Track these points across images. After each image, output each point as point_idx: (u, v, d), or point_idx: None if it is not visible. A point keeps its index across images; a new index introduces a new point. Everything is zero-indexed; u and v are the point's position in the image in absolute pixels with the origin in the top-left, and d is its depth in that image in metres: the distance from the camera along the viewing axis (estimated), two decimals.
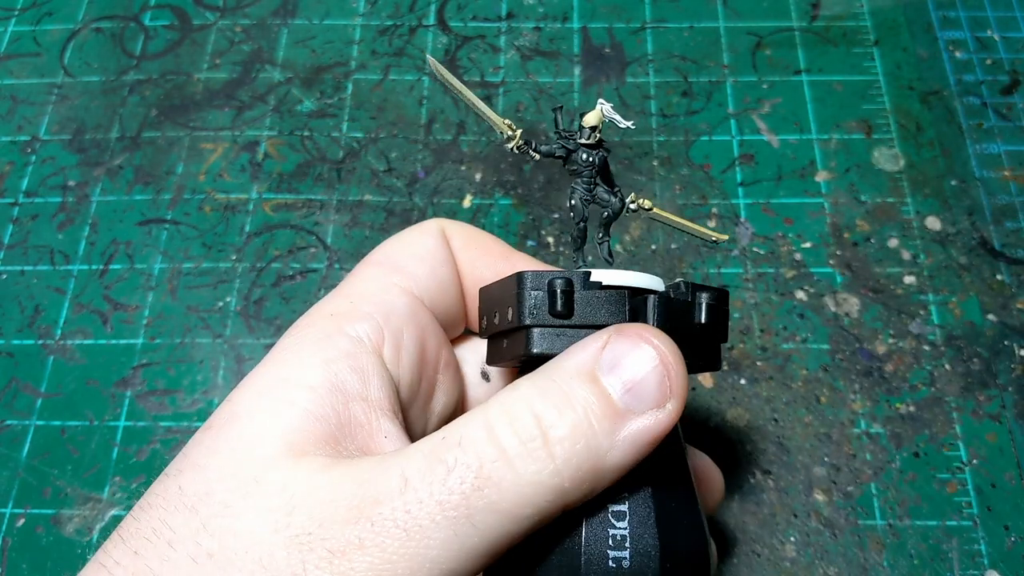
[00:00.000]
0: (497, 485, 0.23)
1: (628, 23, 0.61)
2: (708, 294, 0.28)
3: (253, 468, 0.25)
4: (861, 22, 0.60)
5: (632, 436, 0.25)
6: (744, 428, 0.46)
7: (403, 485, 0.24)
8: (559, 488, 0.24)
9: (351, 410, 0.27)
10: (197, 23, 0.62)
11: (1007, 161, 0.54)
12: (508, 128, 0.30)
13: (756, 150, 0.55)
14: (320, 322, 0.29)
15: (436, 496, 0.23)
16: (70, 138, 0.57)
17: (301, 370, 0.27)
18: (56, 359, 0.49)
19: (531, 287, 0.28)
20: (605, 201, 0.31)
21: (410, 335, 0.30)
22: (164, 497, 0.25)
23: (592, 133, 0.30)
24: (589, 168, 0.31)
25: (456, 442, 0.24)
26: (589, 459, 0.24)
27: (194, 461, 0.26)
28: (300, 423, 0.26)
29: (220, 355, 0.49)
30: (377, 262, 0.32)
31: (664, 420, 0.25)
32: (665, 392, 0.25)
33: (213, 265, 0.52)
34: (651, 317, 0.27)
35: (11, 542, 0.44)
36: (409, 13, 0.62)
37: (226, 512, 0.24)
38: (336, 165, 0.56)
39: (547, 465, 0.24)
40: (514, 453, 0.24)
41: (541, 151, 0.31)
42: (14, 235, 0.54)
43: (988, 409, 0.46)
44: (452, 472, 0.24)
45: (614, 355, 0.25)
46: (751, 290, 0.50)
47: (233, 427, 0.26)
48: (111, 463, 0.46)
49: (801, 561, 0.43)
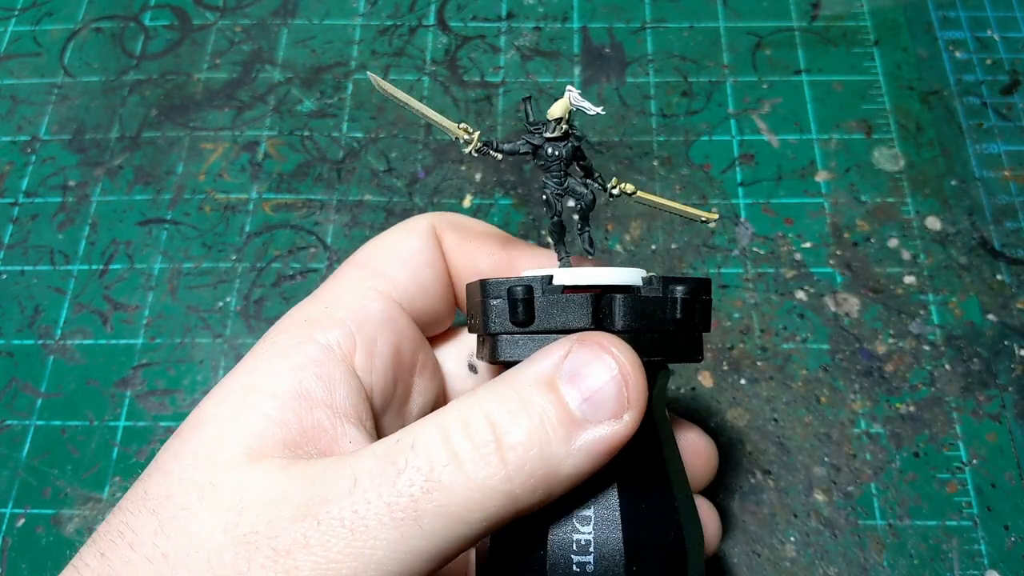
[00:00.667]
0: (446, 489, 0.23)
1: (628, 23, 0.61)
2: (682, 287, 0.28)
3: (211, 472, 0.25)
4: (861, 22, 0.60)
5: (587, 445, 0.25)
6: (744, 428, 0.46)
7: (352, 485, 0.24)
8: (510, 494, 0.24)
9: (315, 416, 0.27)
10: (197, 23, 0.62)
11: (1007, 161, 0.54)
12: (464, 132, 0.29)
13: (756, 150, 0.55)
14: (293, 328, 0.29)
15: (384, 497, 0.23)
16: (70, 138, 0.57)
17: (267, 378, 0.28)
18: (56, 359, 0.49)
19: (492, 295, 0.28)
20: (578, 194, 0.30)
21: (384, 341, 0.30)
22: (132, 500, 0.26)
23: (557, 126, 0.29)
24: (557, 162, 0.30)
25: (409, 445, 0.24)
26: (543, 466, 0.24)
27: (160, 466, 0.27)
28: (260, 428, 0.26)
29: (220, 355, 0.49)
30: (358, 263, 0.32)
31: (620, 431, 0.25)
32: (623, 403, 0.25)
33: (213, 265, 0.52)
34: (617, 319, 0.27)
35: (11, 542, 0.44)
36: (409, 13, 0.62)
37: (182, 514, 0.25)
38: (336, 165, 0.56)
39: (498, 470, 0.24)
40: (466, 457, 0.24)
41: (504, 150, 0.30)
42: (14, 235, 0.54)
43: (988, 409, 0.46)
44: (402, 474, 0.24)
45: (574, 364, 0.25)
46: (751, 290, 0.50)
47: (196, 433, 0.27)
48: (111, 463, 0.46)
49: (801, 561, 0.43)
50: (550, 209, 0.30)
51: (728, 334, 0.49)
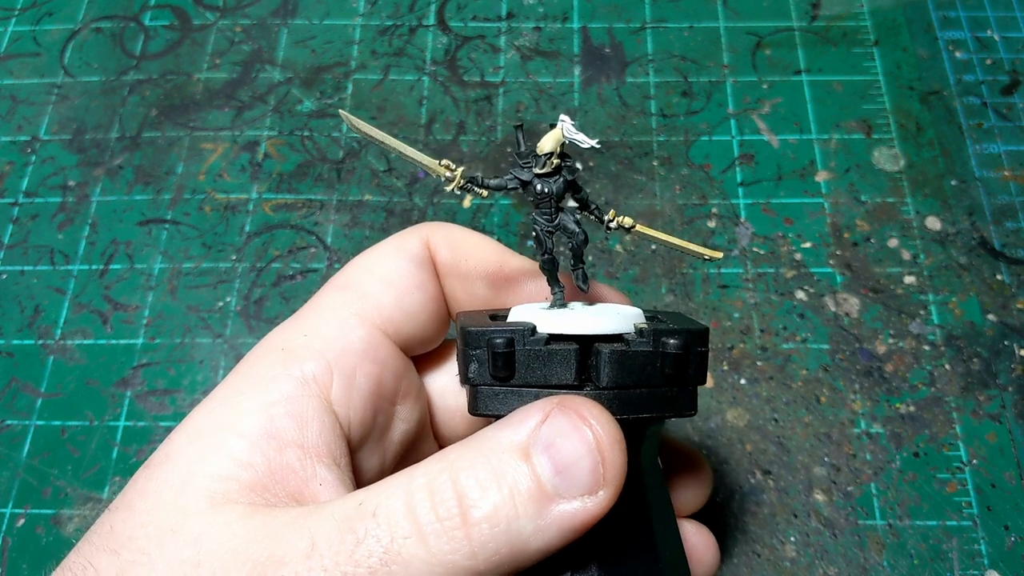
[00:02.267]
0: (406, 563, 0.23)
1: (628, 23, 0.61)
2: (675, 340, 0.26)
3: (172, 517, 0.25)
4: (861, 22, 0.60)
5: (557, 522, 0.24)
6: (744, 428, 0.46)
7: (310, 549, 0.23)
8: (473, 570, 0.23)
9: (284, 457, 0.26)
10: (197, 23, 0.62)
11: (1007, 161, 0.54)
12: (446, 169, 0.27)
13: (756, 150, 0.55)
14: (269, 356, 0.29)
15: (341, 567, 0.23)
16: (70, 138, 0.57)
17: (237, 415, 0.27)
18: (56, 359, 0.49)
19: (472, 346, 0.26)
20: (570, 232, 0.28)
21: (363, 373, 0.29)
22: (98, 535, 0.26)
23: (548, 160, 0.27)
24: (547, 199, 0.28)
25: (371, 512, 0.23)
26: (508, 543, 0.23)
27: (127, 501, 0.26)
28: (227, 470, 0.26)
29: (220, 355, 0.49)
30: (341, 286, 0.31)
31: (593, 509, 0.24)
32: (598, 480, 0.24)
33: (213, 265, 0.52)
34: (603, 374, 0.26)
35: (11, 542, 0.44)
36: (409, 13, 0.62)
37: (142, 559, 0.24)
38: (336, 165, 0.56)
39: (462, 546, 0.23)
40: (429, 530, 0.23)
41: (489, 186, 0.28)
42: (14, 235, 0.54)
43: (988, 409, 0.46)
44: (361, 544, 0.23)
45: (550, 433, 0.24)
46: (751, 290, 0.50)
47: (163, 470, 0.26)
48: (111, 463, 0.46)
49: (801, 561, 0.43)
50: (540, 247, 0.29)
51: (728, 334, 0.49)
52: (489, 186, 0.28)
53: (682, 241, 0.31)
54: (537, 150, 0.27)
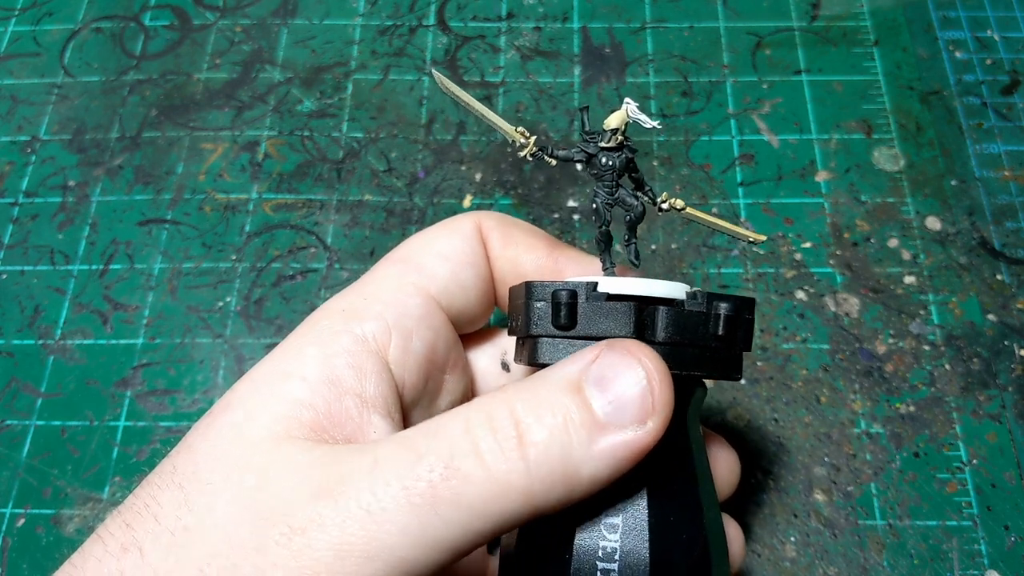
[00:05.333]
0: (465, 478, 0.23)
1: (628, 23, 0.61)
2: (727, 304, 0.28)
3: (237, 450, 0.26)
4: (861, 22, 0.60)
5: (609, 450, 0.25)
6: (744, 428, 0.46)
7: (372, 466, 0.24)
8: (528, 491, 0.24)
9: (343, 403, 0.27)
10: (197, 23, 0.62)
11: (1007, 161, 0.54)
12: (521, 136, 0.30)
13: (756, 150, 0.55)
14: (330, 317, 0.30)
15: (403, 481, 0.23)
16: (70, 138, 0.57)
17: (299, 362, 0.28)
18: (56, 359, 0.49)
19: (536, 298, 0.28)
20: (628, 205, 0.30)
21: (419, 338, 0.30)
22: (159, 475, 0.26)
23: (613, 136, 0.29)
24: (610, 172, 0.30)
25: (432, 432, 0.24)
26: (562, 466, 0.24)
27: (189, 444, 0.27)
28: (288, 410, 0.27)
29: (220, 355, 0.49)
30: (399, 259, 0.32)
31: (644, 438, 0.25)
32: (647, 409, 0.25)
33: (213, 265, 0.52)
34: (659, 330, 0.27)
35: (11, 542, 0.44)
36: (409, 13, 0.62)
37: (207, 489, 0.25)
38: (336, 165, 0.56)
39: (518, 466, 0.24)
40: (486, 448, 0.24)
41: (558, 156, 0.30)
42: (14, 235, 0.54)
43: (988, 409, 0.46)
44: (422, 459, 0.24)
45: (601, 369, 0.25)
46: (751, 290, 0.50)
47: (226, 414, 0.27)
48: (111, 463, 0.46)
49: (801, 561, 0.43)
50: (599, 218, 0.30)
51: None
52: (558, 156, 0.30)
53: (729, 223, 0.33)
54: (604, 126, 0.29)
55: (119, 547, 0.25)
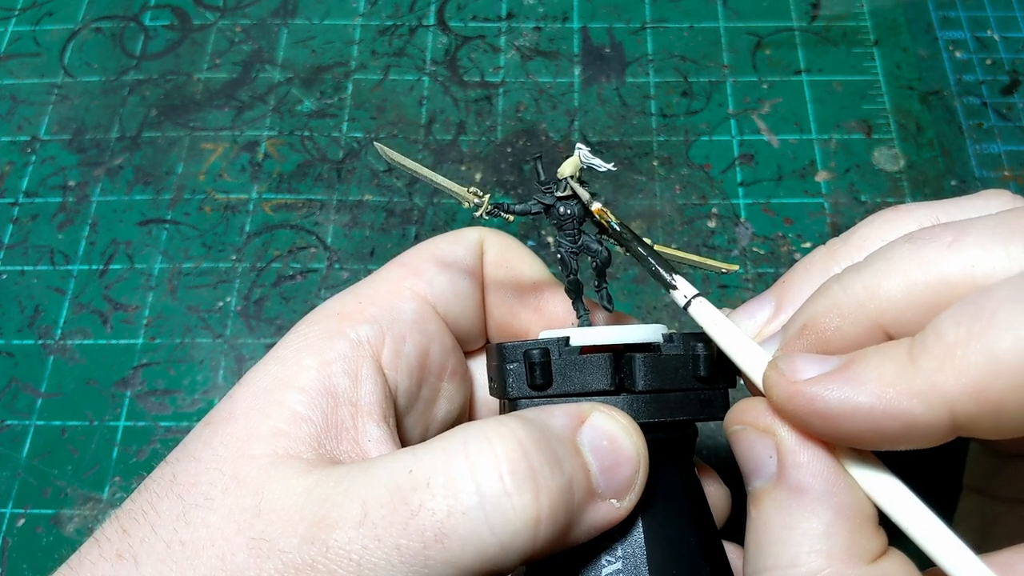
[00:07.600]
0: (462, 542, 0.23)
1: (628, 23, 0.61)
2: (704, 343, 0.27)
3: (237, 467, 0.26)
4: (861, 22, 0.60)
5: (596, 519, 0.25)
6: None
7: (362, 517, 0.23)
8: (529, 550, 0.23)
9: (339, 414, 0.27)
10: (197, 23, 0.62)
11: (1007, 161, 0.54)
12: (474, 196, 0.29)
13: (756, 150, 0.55)
14: (325, 321, 0.30)
15: (394, 539, 0.23)
16: (70, 138, 0.57)
17: (297, 371, 0.28)
18: (56, 359, 0.49)
19: (509, 359, 0.27)
20: (593, 251, 0.30)
21: (412, 342, 0.30)
22: (158, 482, 0.26)
23: (568, 184, 0.29)
24: (570, 220, 0.29)
25: (424, 483, 0.24)
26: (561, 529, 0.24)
27: (190, 452, 0.27)
28: (287, 426, 0.27)
29: (220, 355, 0.49)
30: (399, 263, 0.33)
31: (621, 512, 0.25)
32: (632, 484, 0.25)
33: (213, 265, 0.52)
34: (637, 379, 0.27)
35: (11, 542, 0.44)
36: (409, 13, 0.62)
37: (205, 504, 0.25)
38: (336, 165, 0.56)
39: (530, 521, 0.23)
40: (493, 495, 0.23)
41: (516, 211, 0.29)
42: (14, 235, 0.54)
43: None
44: (415, 516, 0.23)
45: (595, 434, 0.25)
46: (751, 290, 0.50)
47: (228, 425, 0.27)
48: (111, 463, 0.46)
49: None
50: (566, 267, 0.30)
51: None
52: (515, 211, 0.29)
53: (698, 257, 0.32)
54: (558, 175, 0.28)
55: (114, 553, 0.25)
